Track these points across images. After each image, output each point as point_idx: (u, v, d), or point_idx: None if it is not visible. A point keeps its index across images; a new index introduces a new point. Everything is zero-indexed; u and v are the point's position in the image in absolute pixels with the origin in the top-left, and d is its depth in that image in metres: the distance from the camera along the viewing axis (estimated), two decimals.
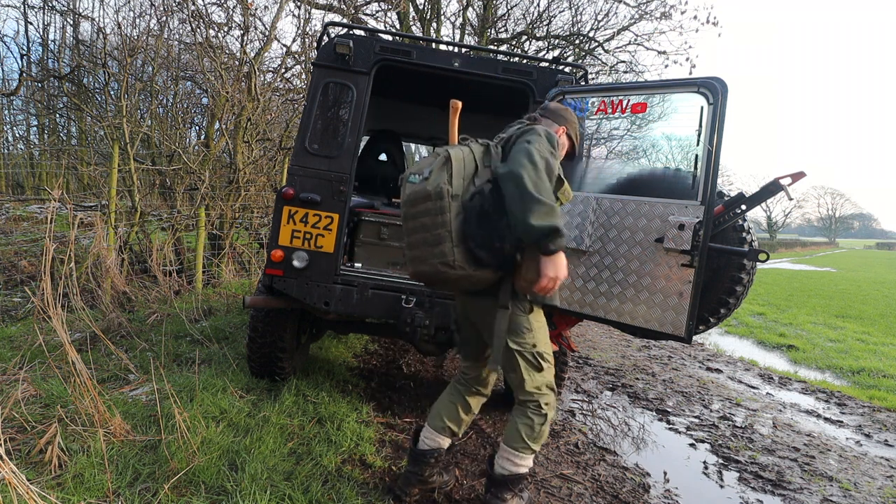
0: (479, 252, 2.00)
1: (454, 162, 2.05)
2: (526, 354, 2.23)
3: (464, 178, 2.06)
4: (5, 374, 3.25)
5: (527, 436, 2.27)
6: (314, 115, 3.15)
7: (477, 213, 2.00)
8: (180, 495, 2.20)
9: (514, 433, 2.28)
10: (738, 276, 2.55)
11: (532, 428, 2.27)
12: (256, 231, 8.53)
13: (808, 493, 3.04)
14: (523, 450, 2.27)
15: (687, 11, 14.04)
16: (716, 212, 2.53)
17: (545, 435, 2.31)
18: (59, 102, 12.37)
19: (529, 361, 2.23)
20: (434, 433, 2.43)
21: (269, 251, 3.08)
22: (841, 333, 8.49)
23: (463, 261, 2.02)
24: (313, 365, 4.09)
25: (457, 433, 2.48)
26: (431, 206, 2.02)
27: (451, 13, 13.60)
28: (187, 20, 7.53)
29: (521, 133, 2.14)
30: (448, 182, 2.02)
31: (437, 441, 2.44)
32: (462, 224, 2.01)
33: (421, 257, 2.08)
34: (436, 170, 2.05)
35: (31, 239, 7.36)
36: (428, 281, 2.19)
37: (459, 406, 2.45)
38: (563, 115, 2.43)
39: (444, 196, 2.01)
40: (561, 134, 2.40)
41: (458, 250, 2.01)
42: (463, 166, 2.07)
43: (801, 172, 2.42)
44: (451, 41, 6.71)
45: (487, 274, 2.08)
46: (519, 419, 2.29)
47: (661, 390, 4.80)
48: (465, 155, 2.10)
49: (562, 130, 2.41)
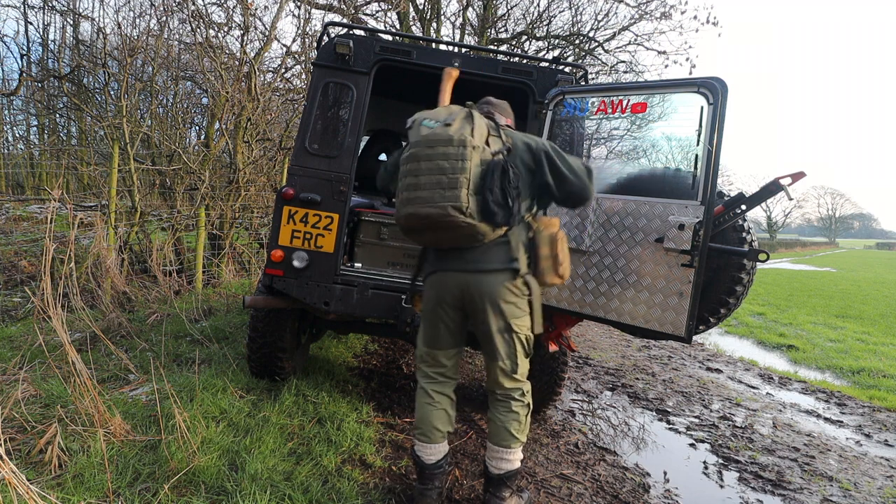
0: (493, 206, 2.06)
1: (476, 119, 2.13)
2: (522, 338, 2.26)
3: (481, 137, 2.13)
4: (5, 374, 3.25)
5: (515, 430, 2.29)
6: (314, 115, 3.15)
7: (501, 169, 2.08)
8: (180, 495, 2.20)
9: (502, 430, 2.28)
10: (738, 276, 2.55)
11: (519, 421, 2.29)
12: (256, 231, 8.52)
13: (808, 493, 3.04)
14: (514, 444, 2.28)
15: (687, 11, 14.07)
16: (716, 212, 2.53)
17: (527, 427, 2.35)
18: (59, 102, 12.36)
19: (524, 346, 2.27)
20: (432, 446, 2.39)
21: (269, 251, 3.08)
22: (841, 333, 8.49)
23: (475, 210, 2.06)
24: (313, 365, 4.09)
25: (452, 430, 2.47)
26: (453, 152, 2.06)
27: (451, 13, 13.60)
28: (187, 20, 7.53)
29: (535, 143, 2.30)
30: (471, 134, 2.10)
31: (439, 449, 2.40)
32: (481, 176, 2.07)
33: (430, 199, 2.07)
34: (459, 119, 2.12)
35: (31, 239, 7.36)
36: (427, 225, 2.13)
37: (446, 406, 2.41)
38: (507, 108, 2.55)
39: (468, 145, 2.07)
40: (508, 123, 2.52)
41: (472, 199, 2.06)
42: (483, 126, 2.15)
43: (801, 172, 2.41)
44: (451, 41, 6.71)
45: (489, 229, 2.12)
46: (504, 415, 2.29)
47: (661, 390, 4.80)
48: (481, 118, 2.18)
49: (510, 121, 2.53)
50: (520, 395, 2.30)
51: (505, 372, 2.27)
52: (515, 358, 2.26)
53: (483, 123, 2.17)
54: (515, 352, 2.25)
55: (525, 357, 2.30)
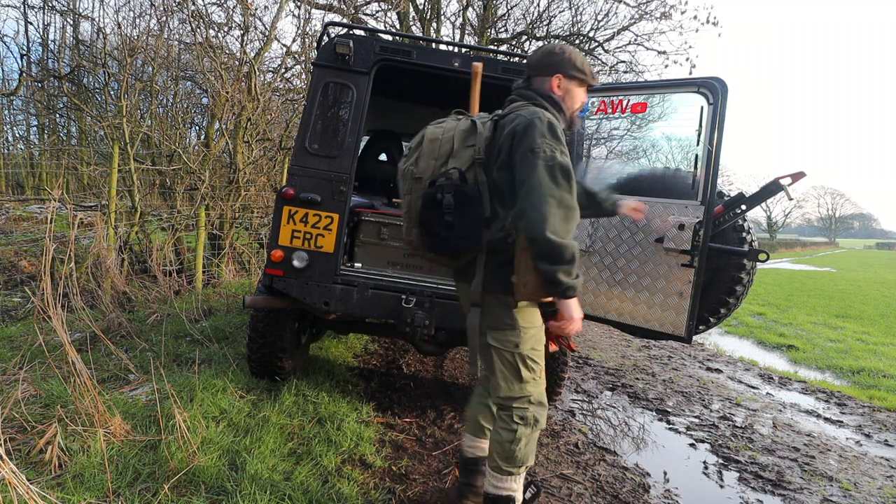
0: (427, 240, 1.97)
1: (426, 143, 2.00)
2: (506, 355, 1.96)
3: (436, 159, 1.97)
4: (5, 374, 3.25)
5: (497, 453, 2.00)
6: (314, 116, 3.15)
7: (430, 201, 1.92)
8: (180, 495, 2.20)
9: (491, 447, 2.05)
10: (738, 276, 2.55)
11: (500, 444, 1.98)
12: (256, 231, 8.52)
13: (808, 493, 3.04)
14: (495, 469, 2.01)
15: (687, 11, 14.03)
16: (716, 212, 2.53)
17: (520, 456, 1.97)
18: (59, 102, 12.36)
19: (509, 364, 1.96)
20: (475, 439, 2.29)
21: (269, 251, 3.08)
22: (841, 333, 8.49)
23: (420, 245, 2.02)
24: (313, 365, 4.09)
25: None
26: (401, 187, 2.06)
27: (451, 13, 13.58)
28: (187, 20, 7.53)
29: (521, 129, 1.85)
30: (414, 163, 2.01)
31: (482, 446, 2.28)
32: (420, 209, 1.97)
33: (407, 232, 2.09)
34: (412, 148, 2.05)
35: (31, 239, 7.36)
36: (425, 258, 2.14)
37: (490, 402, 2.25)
38: (550, 61, 2.04)
39: (406, 178, 2.02)
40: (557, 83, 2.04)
41: (415, 232, 2.01)
42: (438, 146, 1.98)
43: (801, 172, 2.42)
44: (451, 41, 6.71)
45: (440, 260, 2.04)
46: (494, 434, 2.04)
47: (661, 390, 4.80)
48: (442, 135, 2.00)
49: (556, 80, 2.03)
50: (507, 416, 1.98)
51: (491, 388, 2.07)
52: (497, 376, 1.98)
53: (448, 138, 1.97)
54: (495, 369, 1.98)
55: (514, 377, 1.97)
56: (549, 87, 2.03)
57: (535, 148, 1.80)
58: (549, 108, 1.98)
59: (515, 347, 1.95)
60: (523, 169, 1.81)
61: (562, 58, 2.04)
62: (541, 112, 1.89)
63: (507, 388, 1.97)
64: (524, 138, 1.83)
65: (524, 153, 1.82)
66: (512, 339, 1.95)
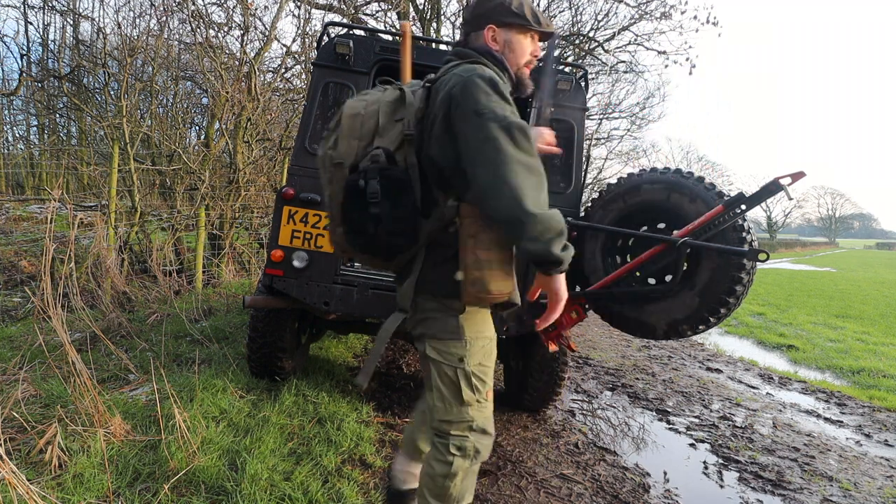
0: (354, 238, 1.62)
1: (345, 120, 1.62)
2: (446, 370, 1.60)
3: (358, 139, 1.60)
4: (5, 374, 3.25)
5: (427, 489, 1.66)
6: (314, 116, 3.15)
7: (351, 190, 1.57)
8: (180, 495, 2.20)
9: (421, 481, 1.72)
10: (738, 276, 2.54)
11: (432, 479, 1.64)
12: (256, 231, 8.53)
13: (808, 493, 3.04)
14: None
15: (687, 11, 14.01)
16: (716, 212, 2.53)
17: (454, 494, 1.63)
18: (59, 102, 12.36)
19: (449, 381, 1.60)
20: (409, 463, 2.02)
21: (269, 251, 3.08)
22: (841, 333, 8.49)
23: (346, 245, 1.67)
24: (313, 365, 4.09)
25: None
26: (322, 176, 1.69)
27: (451, 13, 13.59)
28: (187, 20, 7.53)
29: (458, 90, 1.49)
30: (333, 146, 1.63)
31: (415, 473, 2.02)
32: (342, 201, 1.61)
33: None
34: (331, 129, 1.67)
35: (31, 239, 7.36)
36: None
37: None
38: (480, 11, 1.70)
39: (325, 165, 1.66)
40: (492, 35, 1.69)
41: (338, 230, 1.66)
42: (360, 124, 1.61)
43: (801, 172, 2.41)
44: (451, 41, 6.71)
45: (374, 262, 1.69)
46: (425, 465, 1.70)
47: (661, 390, 4.80)
48: (364, 109, 1.62)
49: (489, 32, 1.69)
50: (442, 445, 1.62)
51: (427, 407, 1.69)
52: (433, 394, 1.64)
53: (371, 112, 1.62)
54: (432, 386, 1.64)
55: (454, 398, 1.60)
56: (484, 41, 1.68)
57: (481, 109, 1.43)
58: (489, 65, 1.62)
59: (459, 362, 1.59)
60: (473, 138, 1.43)
61: (493, 4, 1.67)
62: (478, 68, 1.54)
63: (444, 409, 1.61)
64: (464, 100, 1.46)
65: (467, 118, 1.45)
66: (455, 352, 1.59)
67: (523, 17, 1.67)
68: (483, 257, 1.50)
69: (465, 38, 1.73)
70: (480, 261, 1.50)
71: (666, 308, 2.65)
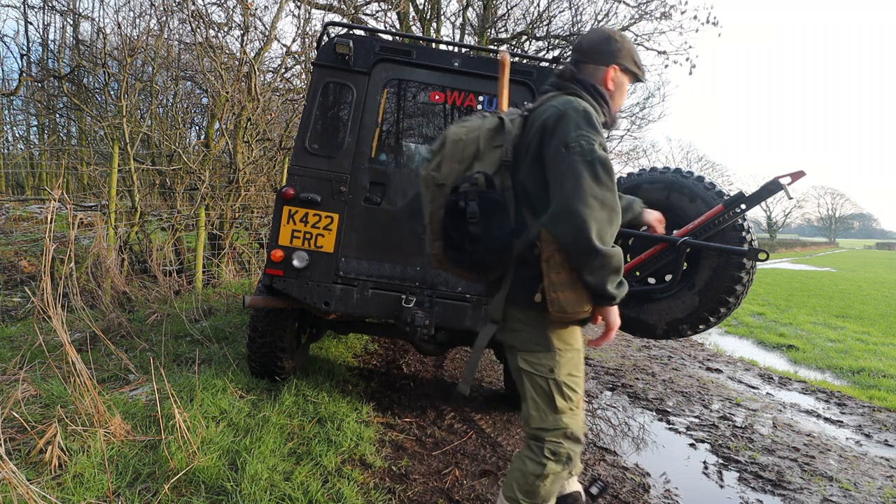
0: (451, 253, 1.76)
1: (449, 145, 1.78)
2: (539, 381, 1.72)
3: (459, 163, 1.76)
4: (5, 374, 3.25)
5: (517, 483, 1.77)
6: (314, 116, 3.16)
7: (452, 210, 1.71)
8: (180, 495, 2.20)
9: (510, 475, 1.82)
10: (737, 276, 2.54)
11: (524, 475, 1.75)
12: (256, 231, 8.53)
13: (808, 493, 3.04)
14: (510, 500, 1.78)
15: (687, 11, 14.02)
16: (715, 211, 2.53)
17: (542, 493, 1.74)
18: (59, 102, 12.36)
19: (542, 391, 1.72)
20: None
21: (269, 251, 3.08)
22: (841, 333, 8.49)
23: (444, 259, 1.82)
24: (313, 365, 4.09)
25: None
26: (423, 196, 1.84)
27: (451, 13, 13.59)
28: (187, 20, 7.53)
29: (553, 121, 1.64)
30: (436, 168, 1.78)
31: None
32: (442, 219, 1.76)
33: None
34: (434, 152, 1.82)
35: (31, 239, 7.36)
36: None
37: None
38: (606, 49, 1.81)
39: (428, 185, 1.80)
40: (613, 75, 1.82)
41: (437, 245, 1.81)
42: (461, 149, 1.77)
43: (801, 171, 2.42)
44: (451, 41, 6.71)
45: (469, 275, 1.84)
46: (517, 460, 1.81)
47: (661, 390, 4.80)
48: (466, 135, 1.78)
49: (612, 71, 1.81)
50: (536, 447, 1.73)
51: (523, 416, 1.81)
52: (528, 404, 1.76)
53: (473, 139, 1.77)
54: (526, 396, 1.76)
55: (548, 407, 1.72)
56: (602, 78, 1.80)
57: (570, 142, 1.57)
58: (587, 98, 1.75)
59: (550, 373, 1.71)
60: (557, 167, 1.58)
61: (621, 47, 1.81)
62: (574, 100, 1.67)
63: (539, 418, 1.73)
64: (556, 131, 1.61)
65: (557, 149, 1.59)
66: (545, 363, 1.71)
67: (641, 70, 1.87)
68: (555, 280, 1.61)
69: (576, 66, 1.84)
70: (554, 283, 1.62)
71: (666, 307, 2.65)
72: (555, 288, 1.61)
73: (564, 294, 1.61)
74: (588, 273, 1.55)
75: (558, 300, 1.61)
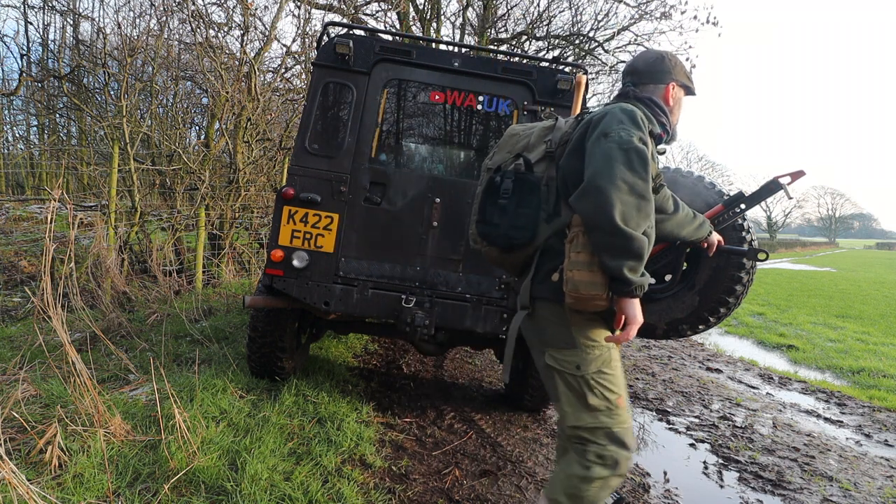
0: (482, 227, 1.86)
1: (506, 137, 1.97)
2: (567, 377, 1.70)
3: (510, 152, 1.91)
4: (5, 374, 3.25)
5: (561, 485, 1.70)
6: (314, 116, 3.16)
7: (489, 185, 1.85)
8: (180, 495, 2.20)
9: (553, 477, 1.78)
10: (737, 276, 2.54)
11: (569, 478, 1.68)
12: (256, 231, 8.53)
13: (808, 493, 3.04)
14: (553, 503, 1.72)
15: (687, 11, 14.03)
16: (715, 211, 2.52)
17: (588, 498, 1.66)
18: (59, 102, 12.36)
19: (573, 388, 1.69)
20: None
21: (269, 251, 3.08)
22: (841, 333, 8.49)
23: (476, 234, 1.91)
24: (313, 365, 4.09)
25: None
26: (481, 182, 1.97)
27: (451, 13, 13.59)
28: (187, 20, 7.53)
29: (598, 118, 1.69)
30: (491, 157, 1.97)
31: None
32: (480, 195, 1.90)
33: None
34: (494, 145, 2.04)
35: (31, 239, 7.36)
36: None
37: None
38: (661, 68, 1.89)
39: (484, 170, 1.96)
40: (672, 91, 1.90)
41: (474, 220, 1.92)
42: (515, 141, 1.93)
43: (801, 171, 2.41)
44: (451, 41, 6.71)
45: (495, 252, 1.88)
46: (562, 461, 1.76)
47: (661, 390, 4.80)
48: (523, 130, 1.95)
49: (671, 87, 1.90)
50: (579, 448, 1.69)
51: (558, 414, 1.78)
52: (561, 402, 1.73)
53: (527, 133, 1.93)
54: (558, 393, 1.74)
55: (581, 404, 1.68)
56: (664, 95, 1.89)
57: (609, 132, 1.59)
58: (639, 107, 1.78)
59: (577, 369, 1.68)
60: (593, 153, 1.60)
61: (675, 64, 1.91)
62: (624, 104, 1.72)
63: (573, 415, 1.69)
64: (599, 125, 1.65)
65: (597, 138, 1.61)
66: (571, 360, 1.69)
67: (692, 84, 1.97)
68: (574, 258, 1.61)
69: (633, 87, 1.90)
70: (572, 262, 1.61)
71: (666, 307, 2.65)
72: (572, 266, 1.60)
73: (580, 273, 1.58)
74: (608, 256, 1.53)
75: (573, 279, 1.59)
